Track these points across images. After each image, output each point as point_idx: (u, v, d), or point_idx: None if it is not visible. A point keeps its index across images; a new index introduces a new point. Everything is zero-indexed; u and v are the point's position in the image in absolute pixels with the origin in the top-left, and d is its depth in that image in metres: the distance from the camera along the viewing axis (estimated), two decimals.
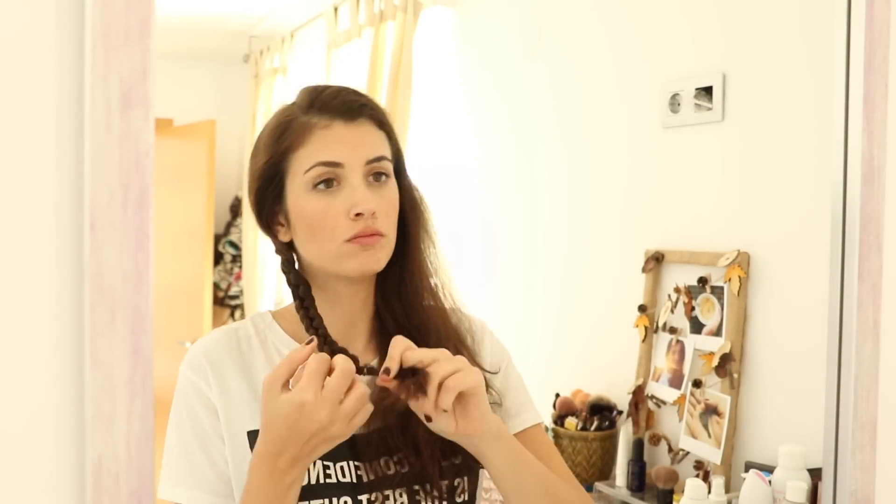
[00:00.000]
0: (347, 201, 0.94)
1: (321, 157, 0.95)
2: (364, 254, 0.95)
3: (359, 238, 0.94)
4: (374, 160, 0.96)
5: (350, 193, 0.94)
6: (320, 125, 0.96)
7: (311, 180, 0.95)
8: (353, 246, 0.94)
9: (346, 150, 0.95)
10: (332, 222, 0.94)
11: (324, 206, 0.94)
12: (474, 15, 2.71)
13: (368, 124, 0.98)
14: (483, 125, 2.66)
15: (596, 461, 1.96)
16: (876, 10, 1.09)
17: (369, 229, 0.94)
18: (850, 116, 1.12)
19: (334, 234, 0.94)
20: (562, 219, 2.30)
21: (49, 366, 0.64)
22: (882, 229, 1.11)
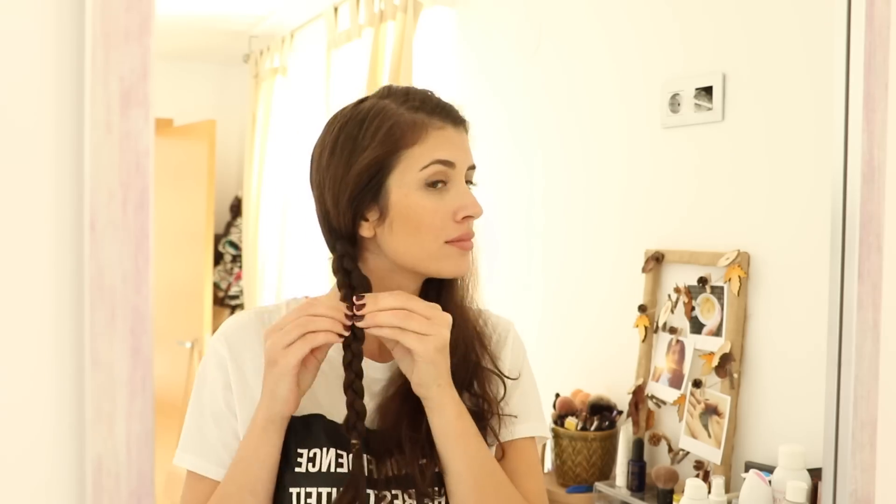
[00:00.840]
0: (455, 203, 0.98)
1: (439, 156, 0.97)
2: (461, 257, 0.99)
3: (461, 241, 0.98)
4: (472, 167, 1.02)
5: (458, 196, 0.98)
6: (434, 125, 0.98)
7: (426, 178, 0.97)
8: (452, 248, 0.98)
9: (458, 153, 0.99)
10: (440, 222, 0.97)
11: (434, 205, 0.97)
12: (474, 15, 2.71)
13: (467, 133, 1.04)
14: (483, 125, 2.65)
15: (596, 461, 1.96)
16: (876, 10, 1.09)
17: (470, 233, 0.99)
18: (850, 116, 1.12)
19: (439, 233, 0.97)
20: (562, 219, 2.30)
21: (49, 366, 0.64)
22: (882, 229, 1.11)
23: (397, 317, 0.90)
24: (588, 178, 2.20)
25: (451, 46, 2.80)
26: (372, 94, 1.04)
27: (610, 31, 2.14)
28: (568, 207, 2.27)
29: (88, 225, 0.63)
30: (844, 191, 1.12)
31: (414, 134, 0.97)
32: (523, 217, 2.45)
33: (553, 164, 2.33)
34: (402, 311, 0.91)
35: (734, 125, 1.77)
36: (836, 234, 1.13)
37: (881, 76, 1.10)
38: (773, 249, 1.69)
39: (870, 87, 1.09)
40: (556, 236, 2.32)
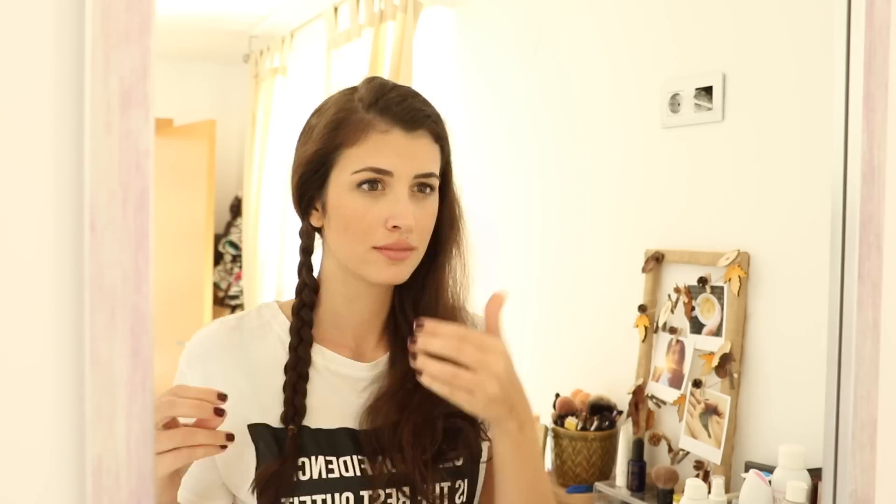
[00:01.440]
0: (387, 210, 0.93)
1: (373, 163, 0.93)
2: (391, 267, 0.95)
3: (388, 250, 0.94)
4: (423, 175, 0.96)
5: (393, 203, 0.93)
6: (379, 128, 0.94)
7: (356, 180, 0.94)
8: (379, 255, 0.94)
9: (399, 161, 0.94)
10: (368, 226, 0.93)
11: (363, 207, 0.94)
12: (474, 15, 2.71)
13: (426, 137, 0.97)
14: (483, 125, 2.66)
15: (596, 461, 1.96)
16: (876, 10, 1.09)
17: (402, 243, 0.94)
18: (850, 116, 1.12)
19: (366, 238, 0.94)
20: (561, 219, 2.30)
21: (49, 366, 0.64)
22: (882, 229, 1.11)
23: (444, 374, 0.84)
24: (588, 178, 2.20)
25: (450, 47, 2.80)
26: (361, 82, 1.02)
27: (610, 31, 2.14)
28: (567, 207, 2.27)
29: (88, 225, 0.63)
30: (844, 191, 1.12)
31: (355, 134, 0.94)
32: (523, 217, 2.45)
33: (552, 164, 2.33)
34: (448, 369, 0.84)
35: (734, 125, 1.77)
36: (836, 234, 1.13)
37: (881, 76, 1.10)
38: (773, 249, 1.69)
39: (870, 87, 1.09)
40: (556, 236, 2.32)
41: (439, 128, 0.99)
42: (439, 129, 0.99)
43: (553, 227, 2.33)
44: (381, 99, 0.95)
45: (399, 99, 0.96)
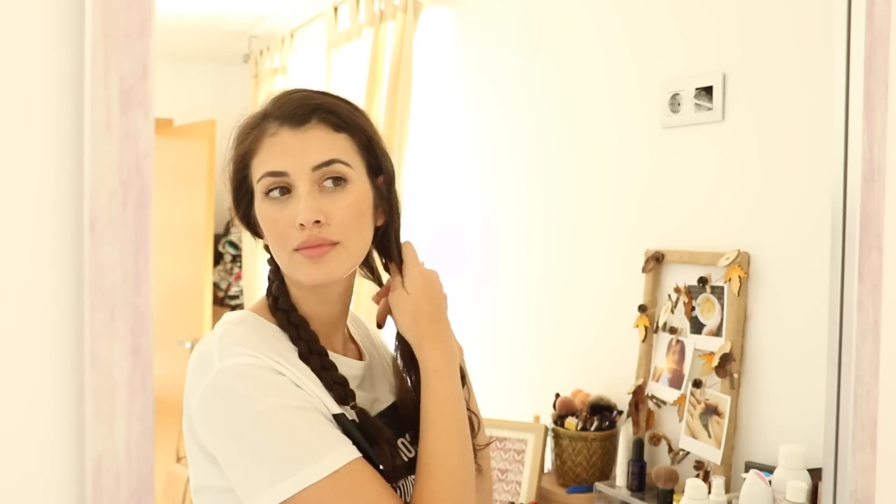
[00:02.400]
0: (294, 210, 0.93)
1: (267, 167, 0.94)
2: (313, 266, 0.93)
3: (303, 249, 0.93)
4: (323, 165, 0.94)
5: (296, 203, 0.93)
6: (269, 132, 0.95)
7: (262, 189, 0.95)
8: (300, 257, 0.93)
9: (290, 159, 0.93)
10: (283, 230, 0.94)
11: (275, 214, 0.94)
12: (474, 15, 2.71)
13: (319, 128, 0.95)
14: (483, 125, 2.66)
15: (596, 461, 1.96)
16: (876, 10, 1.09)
17: (314, 239, 0.93)
18: (850, 116, 1.12)
19: (285, 242, 0.94)
20: (561, 219, 2.30)
21: (49, 366, 0.64)
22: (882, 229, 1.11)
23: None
24: (588, 178, 2.20)
25: (450, 46, 2.80)
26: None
27: (610, 31, 2.14)
28: (567, 207, 2.27)
29: (88, 225, 0.63)
30: (844, 191, 1.12)
31: (253, 144, 0.96)
32: (523, 217, 2.45)
33: (552, 164, 2.33)
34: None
35: (734, 125, 1.77)
36: (837, 234, 1.13)
37: (881, 76, 1.10)
38: (773, 249, 1.69)
39: (870, 87, 1.09)
40: (556, 236, 2.32)
41: (337, 117, 0.96)
42: (338, 119, 0.96)
43: (553, 227, 2.33)
44: (272, 105, 0.97)
45: (286, 99, 0.96)
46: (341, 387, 0.95)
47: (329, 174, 0.94)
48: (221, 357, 0.89)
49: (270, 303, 1.00)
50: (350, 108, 0.99)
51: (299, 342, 0.96)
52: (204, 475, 0.93)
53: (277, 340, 0.96)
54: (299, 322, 0.97)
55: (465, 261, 2.67)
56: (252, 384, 0.87)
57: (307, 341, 0.96)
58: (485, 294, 2.54)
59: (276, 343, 0.96)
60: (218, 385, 0.87)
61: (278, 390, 0.88)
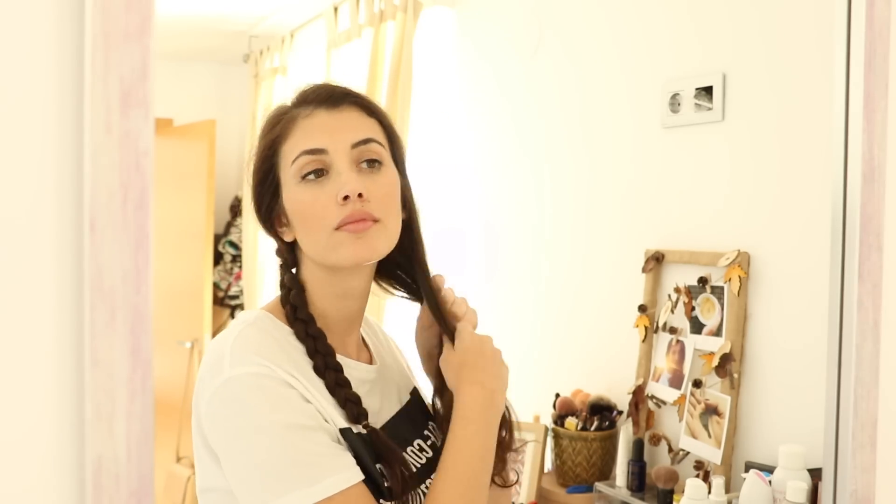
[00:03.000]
0: (335, 186, 0.92)
1: (304, 146, 0.93)
2: (357, 242, 0.92)
3: (348, 224, 0.91)
4: (361, 142, 0.94)
5: (337, 179, 0.92)
6: (303, 115, 0.95)
7: (298, 171, 0.93)
8: (343, 234, 0.92)
9: (329, 136, 0.94)
10: (322, 210, 0.92)
11: (313, 195, 0.93)
12: (474, 15, 2.71)
13: (353, 110, 0.97)
14: (483, 125, 2.66)
15: (596, 461, 1.96)
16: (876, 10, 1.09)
17: (358, 213, 0.92)
18: (850, 116, 1.12)
19: (324, 222, 0.92)
20: (562, 219, 2.30)
21: (49, 366, 0.64)
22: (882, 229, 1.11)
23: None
24: (588, 178, 2.20)
25: (451, 46, 2.80)
26: None
27: (610, 31, 2.14)
28: (568, 207, 2.27)
29: (88, 225, 0.63)
30: (844, 191, 1.12)
31: (286, 128, 0.96)
32: (523, 217, 2.45)
33: (552, 165, 2.33)
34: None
35: (734, 125, 1.77)
36: (836, 234, 1.13)
37: (881, 76, 1.10)
38: (773, 249, 1.69)
39: (870, 87, 1.09)
40: (556, 236, 2.32)
41: (367, 103, 0.98)
42: (367, 105, 0.98)
43: (553, 227, 2.33)
44: (303, 93, 0.98)
45: (317, 86, 0.98)
46: (354, 405, 0.93)
47: (366, 154, 0.95)
48: (233, 363, 0.87)
49: (288, 311, 0.97)
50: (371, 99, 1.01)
51: (315, 356, 0.94)
52: (210, 476, 0.93)
53: (291, 346, 0.95)
54: (317, 334, 0.95)
55: (465, 260, 2.67)
56: (259, 397, 0.86)
57: (324, 355, 0.94)
58: (485, 294, 2.54)
59: (290, 349, 0.94)
60: (226, 392, 0.86)
61: (286, 405, 0.86)
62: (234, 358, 0.88)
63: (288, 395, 0.87)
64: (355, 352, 1.03)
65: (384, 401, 1.04)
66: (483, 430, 0.94)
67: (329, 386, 0.93)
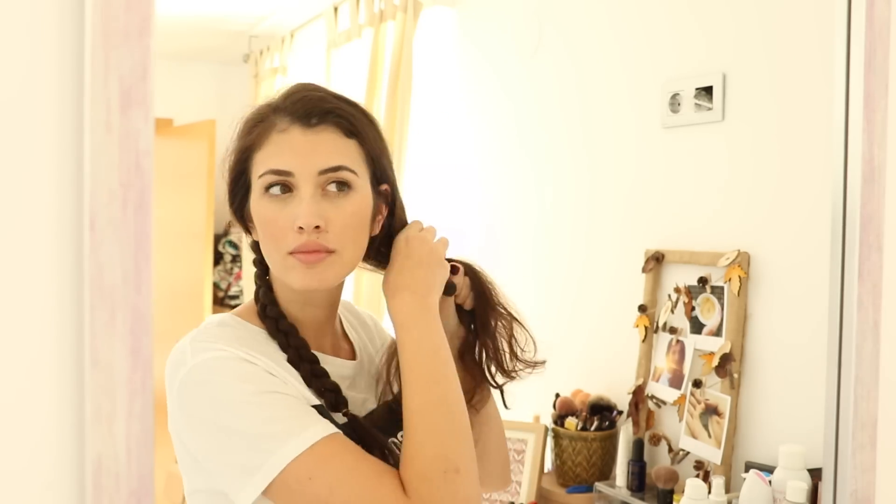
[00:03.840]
0: (294, 212, 0.90)
1: (271, 164, 0.91)
2: (307, 271, 0.91)
3: (299, 253, 0.90)
4: (330, 170, 0.91)
5: (297, 204, 0.90)
6: (278, 128, 0.92)
7: (263, 185, 0.92)
8: (294, 260, 0.91)
9: (298, 159, 0.91)
10: (280, 231, 0.91)
11: (274, 213, 0.91)
12: (474, 15, 2.71)
13: (331, 131, 0.93)
14: (483, 125, 2.66)
15: (596, 461, 1.96)
16: (876, 10, 1.09)
17: (312, 244, 0.90)
18: (850, 116, 1.12)
19: (280, 243, 0.91)
20: (562, 219, 2.30)
21: (49, 366, 0.64)
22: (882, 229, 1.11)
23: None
24: (588, 178, 2.20)
25: (451, 46, 2.80)
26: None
27: (610, 30, 2.14)
28: (568, 207, 2.27)
29: (88, 225, 0.63)
30: (844, 191, 1.12)
31: (260, 137, 0.93)
32: (523, 217, 2.45)
33: (552, 165, 2.33)
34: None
35: (734, 125, 1.77)
36: (836, 234, 1.13)
37: (881, 76, 1.10)
38: (774, 249, 1.69)
39: (870, 87, 1.09)
40: (556, 236, 2.32)
41: (349, 123, 0.94)
42: (350, 125, 0.94)
43: (553, 227, 2.33)
44: (286, 99, 0.94)
45: (300, 96, 0.93)
46: (333, 394, 0.93)
47: (334, 179, 0.92)
48: (193, 353, 0.88)
49: (259, 310, 0.98)
50: (363, 114, 0.97)
51: (288, 349, 0.94)
52: (195, 478, 0.93)
53: (263, 344, 0.94)
54: (288, 329, 0.95)
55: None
56: (226, 375, 0.86)
57: (297, 348, 0.94)
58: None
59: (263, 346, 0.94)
60: (191, 380, 0.87)
61: (253, 377, 0.87)
62: (194, 350, 0.88)
63: (251, 369, 0.87)
64: (330, 348, 1.02)
65: (368, 393, 1.04)
66: (427, 335, 0.93)
67: (305, 377, 0.93)
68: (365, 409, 1.01)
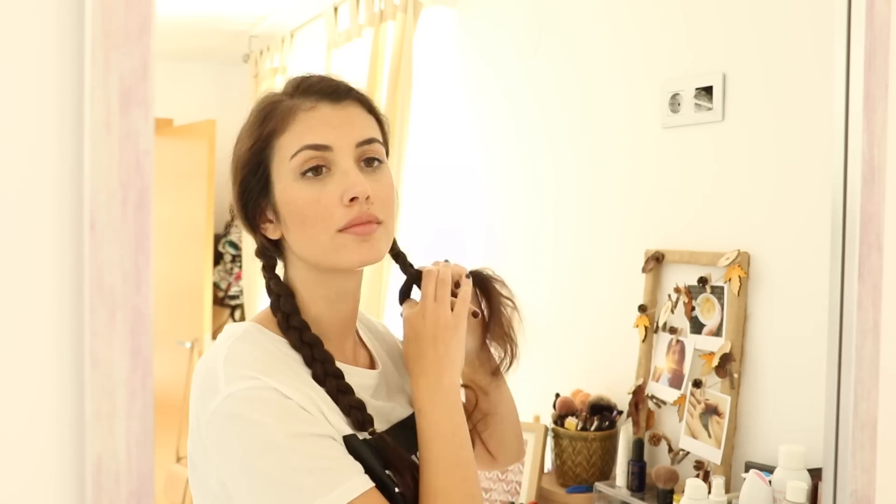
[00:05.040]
0: (340, 186, 0.88)
1: (307, 140, 0.89)
2: (363, 245, 0.89)
3: (354, 227, 0.89)
4: (365, 142, 0.91)
5: (342, 178, 0.88)
6: (305, 107, 0.90)
7: (298, 167, 0.89)
8: (348, 236, 0.89)
9: (334, 132, 0.89)
10: (325, 211, 0.88)
11: (314, 194, 0.88)
12: (475, 14, 2.71)
13: (356, 107, 0.93)
14: (483, 125, 2.66)
15: (596, 461, 1.96)
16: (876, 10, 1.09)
17: (365, 216, 0.89)
18: (850, 116, 1.12)
19: (328, 223, 0.88)
20: (562, 219, 2.30)
21: (49, 366, 0.64)
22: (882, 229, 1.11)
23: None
24: (588, 178, 2.20)
25: (451, 46, 2.80)
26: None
27: (610, 30, 2.14)
28: (568, 207, 2.27)
29: (88, 225, 0.63)
30: (844, 191, 1.12)
31: (283, 121, 0.90)
32: (522, 216, 2.45)
33: (553, 165, 2.33)
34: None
35: (734, 125, 1.77)
36: (836, 234, 1.13)
37: (881, 76, 1.10)
38: (774, 249, 1.69)
39: (870, 87, 1.09)
40: (556, 236, 2.32)
41: (368, 101, 0.95)
42: (368, 102, 0.95)
43: (553, 227, 2.33)
44: (301, 83, 0.93)
45: (318, 78, 0.93)
46: (359, 412, 0.91)
47: (369, 153, 0.92)
48: (227, 381, 0.85)
49: (279, 319, 0.94)
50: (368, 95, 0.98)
51: (314, 364, 0.91)
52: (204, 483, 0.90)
53: (287, 356, 0.92)
54: (313, 341, 0.92)
55: (465, 260, 2.67)
56: (261, 410, 0.83)
57: (322, 362, 0.91)
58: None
59: (287, 360, 0.91)
60: (226, 412, 0.83)
61: (287, 416, 0.84)
62: (228, 376, 0.85)
63: (287, 405, 0.84)
64: (353, 356, 1.00)
65: (394, 402, 1.02)
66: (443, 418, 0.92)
67: (331, 393, 0.90)
68: (392, 417, 0.99)
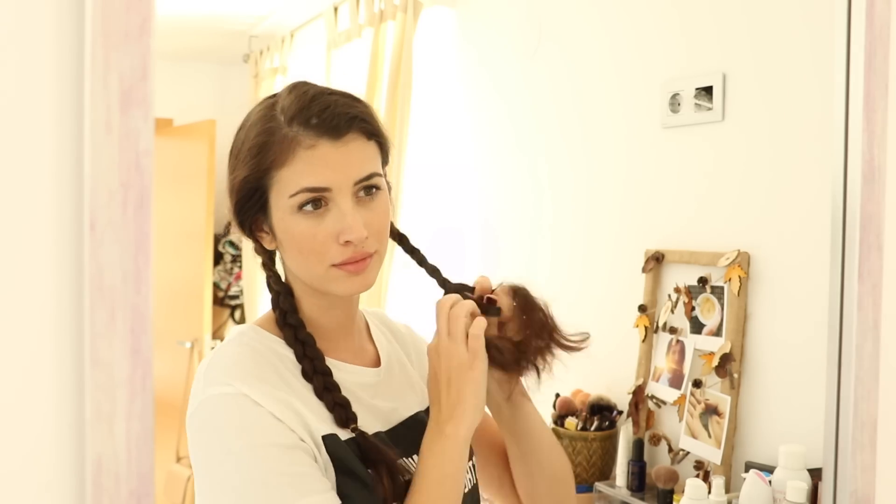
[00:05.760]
0: (336, 226, 0.90)
1: (306, 183, 0.89)
2: (354, 278, 0.92)
3: (347, 265, 0.91)
4: (364, 179, 0.91)
5: (339, 218, 0.90)
6: (304, 144, 0.89)
7: (296, 204, 0.90)
8: (340, 271, 0.91)
9: (333, 174, 0.89)
10: (320, 246, 0.90)
11: (311, 228, 0.90)
12: (474, 14, 2.71)
13: (358, 139, 0.91)
14: (483, 125, 2.66)
15: (596, 461, 1.96)
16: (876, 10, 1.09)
17: (360, 254, 0.91)
18: (850, 116, 1.12)
19: (322, 257, 0.90)
20: (562, 219, 2.30)
21: (49, 366, 0.64)
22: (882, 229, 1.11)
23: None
24: (588, 178, 2.20)
25: (451, 46, 2.80)
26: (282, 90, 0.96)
27: (610, 30, 2.14)
28: (568, 207, 2.27)
29: (88, 225, 0.63)
30: (844, 191, 1.12)
31: (282, 155, 0.89)
32: (522, 216, 2.45)
33: (553, 165, 2.33)
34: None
35: (734, 125, 1.77)
36: (836, 234, 1.13)
37: (881, 76, 1.10)
38: (774, 249, 1.69)
39: (870, 87, 1.09)
40: (556, 236, 2.32)
41: (370, 124, 0.93)
42: (370, 126, 0.93)
43: (553, 227, 2.33)
44: (303, 111, 0.90)
45: (320, 107, 0.90)
46: (343, 409, 0.92)
47: (367, 185, 0.92)
48: (205, 385, 0.88)
49: (278, 317, 0.96)
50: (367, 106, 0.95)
51: (303, 360, 0.93)
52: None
53: (277, 356, 0.94)
54: (306, 339, 0.94)
55: (464, 260, 2.67)
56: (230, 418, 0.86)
57: (311, 359, 0.93)
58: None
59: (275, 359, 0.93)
60: (199, 415, 0.88)
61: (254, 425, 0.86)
62: (207, 379, 0.89)
63: (256, 413, 0.86)
64: (353, 354, 1.01)
65: (398, 402, 1.02)
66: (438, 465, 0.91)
67: (317, 390, 0.92)
68: (395, 417, 1.00)
